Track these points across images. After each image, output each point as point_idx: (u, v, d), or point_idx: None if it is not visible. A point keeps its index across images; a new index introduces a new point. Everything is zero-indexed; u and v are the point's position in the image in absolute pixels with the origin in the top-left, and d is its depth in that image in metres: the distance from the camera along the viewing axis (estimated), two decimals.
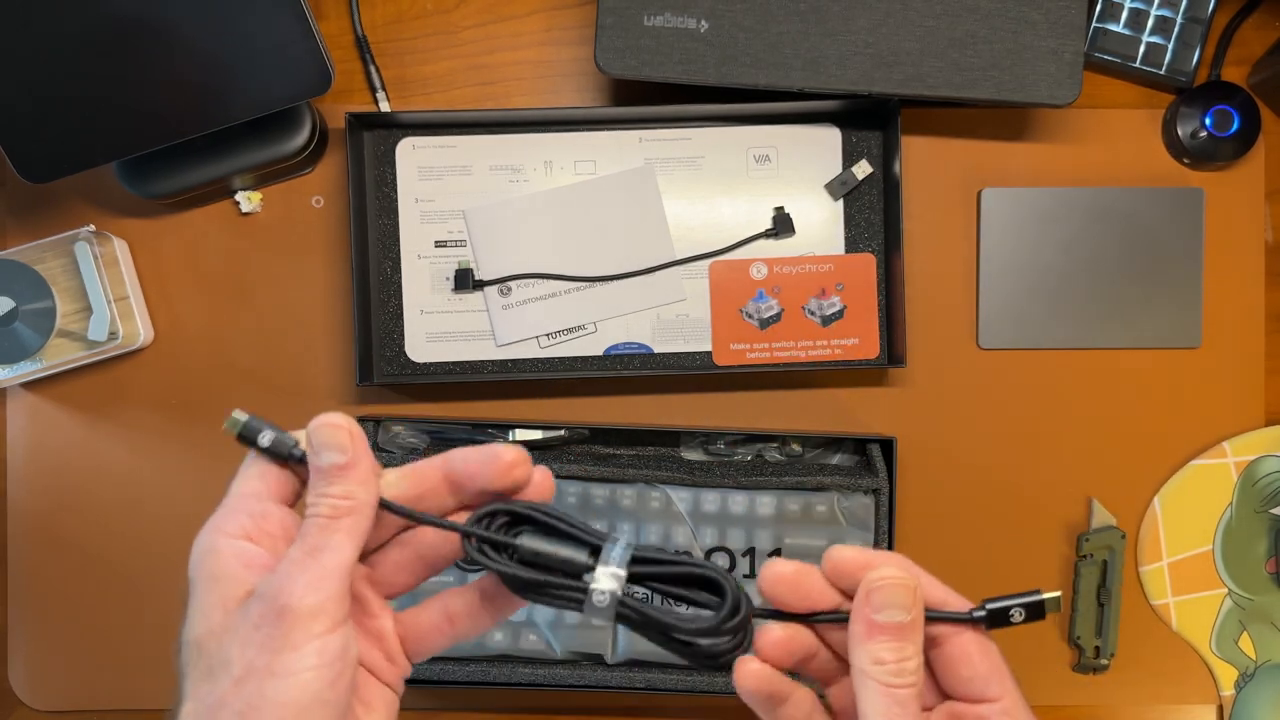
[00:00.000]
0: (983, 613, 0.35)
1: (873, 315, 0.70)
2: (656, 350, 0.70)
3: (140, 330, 0.69)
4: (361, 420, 0.67)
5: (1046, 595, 0.35)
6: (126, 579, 0.71)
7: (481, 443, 0.71)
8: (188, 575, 0.33)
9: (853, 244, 0.71)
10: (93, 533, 0.71)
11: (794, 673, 0.37)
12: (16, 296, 0.66)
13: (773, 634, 0.36)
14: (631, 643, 0.66)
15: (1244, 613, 0.71)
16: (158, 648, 0.71)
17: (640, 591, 0.34)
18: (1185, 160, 0.71)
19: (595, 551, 0.34)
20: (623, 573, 0.34)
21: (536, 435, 0.68)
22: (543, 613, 0.66)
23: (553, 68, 0.72)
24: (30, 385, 0.71)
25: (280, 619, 0.31)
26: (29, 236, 0.70)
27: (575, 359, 0.70)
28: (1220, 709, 0.71)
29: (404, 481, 0.36)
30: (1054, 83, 0.65)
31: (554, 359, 0.70)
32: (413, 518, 0.35)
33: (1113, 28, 0.70)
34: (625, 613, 0.34)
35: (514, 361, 0.70)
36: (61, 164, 0.62)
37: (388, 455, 0.67)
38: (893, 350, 0.70)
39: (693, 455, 0.70)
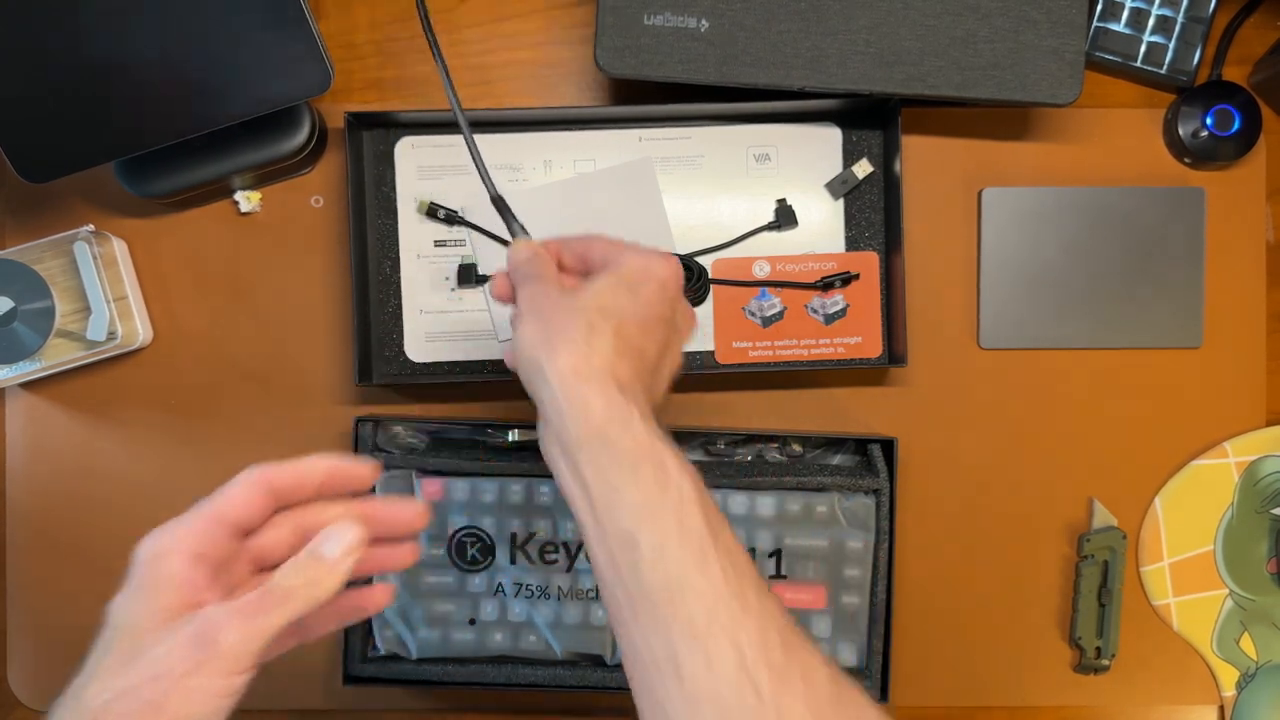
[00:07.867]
0: None
1: (875, 313, 0.70)
2: None
3: (139, 330, 0.69)
4: (360, 420, 0.67)
5: None
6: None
7: (481, 442, 0.71)
8: (134, 557, 0.41)
9: (853, 243, 0.70)
10: (92, 533, 0.71)
11: None
12: (15, 296, 0.66)
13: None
14: None
15: (1245, 613, 0.71)
16: None
17: None
18: (1186, 160, 0.71)
19: None
20: None
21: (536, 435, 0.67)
22: (543, 613, 0.66)
23: (552, 67, 0.72)
24: (29, 385, 0.71)
25: (208, 648, 0.39)
26: (28, 236, 0.70)
27: None
28: (1221, 710, 0.71)
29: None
30: (1055, 82, 0.65)
31: None
32: None
33: (1114, 27, 0.70)
34: None
35: None
36: (60, 164, 0.62)
37: (387, 455, 0.67)
38: (893, 350, 0.69)
39: (693, 455, 0.69)
